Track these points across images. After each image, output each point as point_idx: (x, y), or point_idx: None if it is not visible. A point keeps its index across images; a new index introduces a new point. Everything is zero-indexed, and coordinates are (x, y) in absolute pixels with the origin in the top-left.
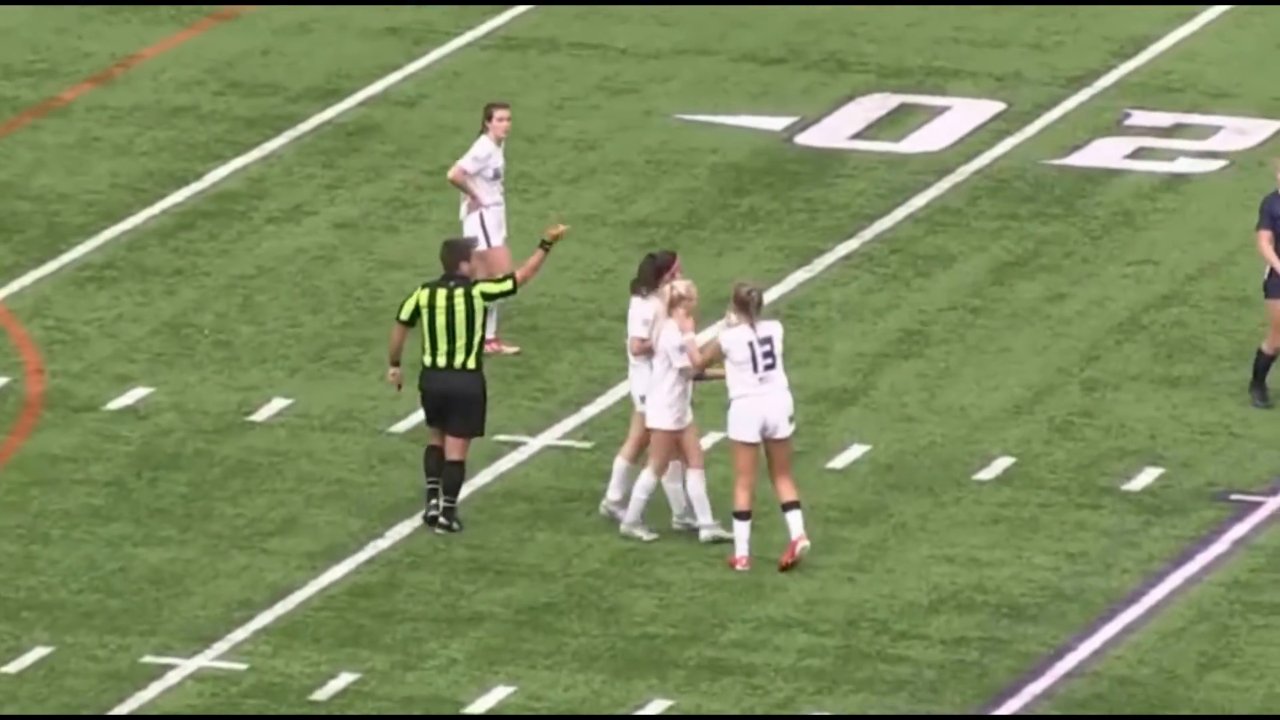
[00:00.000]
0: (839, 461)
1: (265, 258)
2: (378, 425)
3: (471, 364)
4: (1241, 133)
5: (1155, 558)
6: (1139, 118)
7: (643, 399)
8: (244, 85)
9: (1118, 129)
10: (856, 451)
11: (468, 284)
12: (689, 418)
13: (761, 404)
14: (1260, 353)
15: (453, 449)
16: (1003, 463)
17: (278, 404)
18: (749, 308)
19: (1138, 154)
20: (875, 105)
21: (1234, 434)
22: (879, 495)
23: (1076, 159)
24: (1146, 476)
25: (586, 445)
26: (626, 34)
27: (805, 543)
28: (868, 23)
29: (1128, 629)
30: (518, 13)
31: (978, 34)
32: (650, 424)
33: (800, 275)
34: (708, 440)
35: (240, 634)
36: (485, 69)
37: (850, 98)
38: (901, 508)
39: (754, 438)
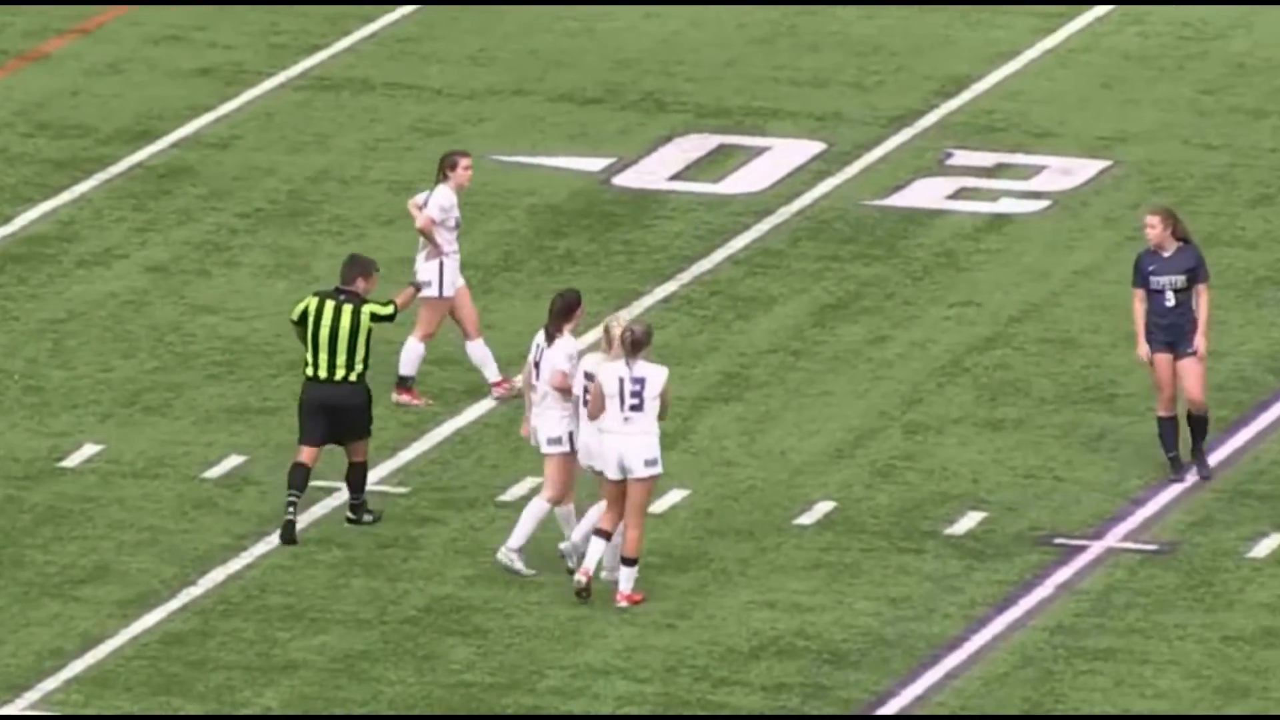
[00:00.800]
0: (658, 506)
1: (76, 302)
2: (190, 471)
3: (353, 378)
4: (1065, 173)
5: (978, 602)
6: (961, 157)
7: (551, 440)
8: (53, 127)
9: (939, 169)
10: (676, 496)
11: (358, 301)
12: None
13: (620, 443)
14: (1159, 419)
15: (353, 454)
16: (824, 507)
17: (89, 450)
18: (624, 345)
19: (960, 194)
20: (694, 146)
21: (1058, 478)
22: (699, 540)
23: (898, 199)
24: (969, 520)
25: (402, 490)
26: (441, 74)
27: (624, 603)
28: (685, 62)
29: (950, 675)
30: (331, 53)
31: (797, 73)
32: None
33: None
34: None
35: (51, 683)
36: (298, 110)
37: (668, 138)
38: (722, 553)
39: (613, 474)
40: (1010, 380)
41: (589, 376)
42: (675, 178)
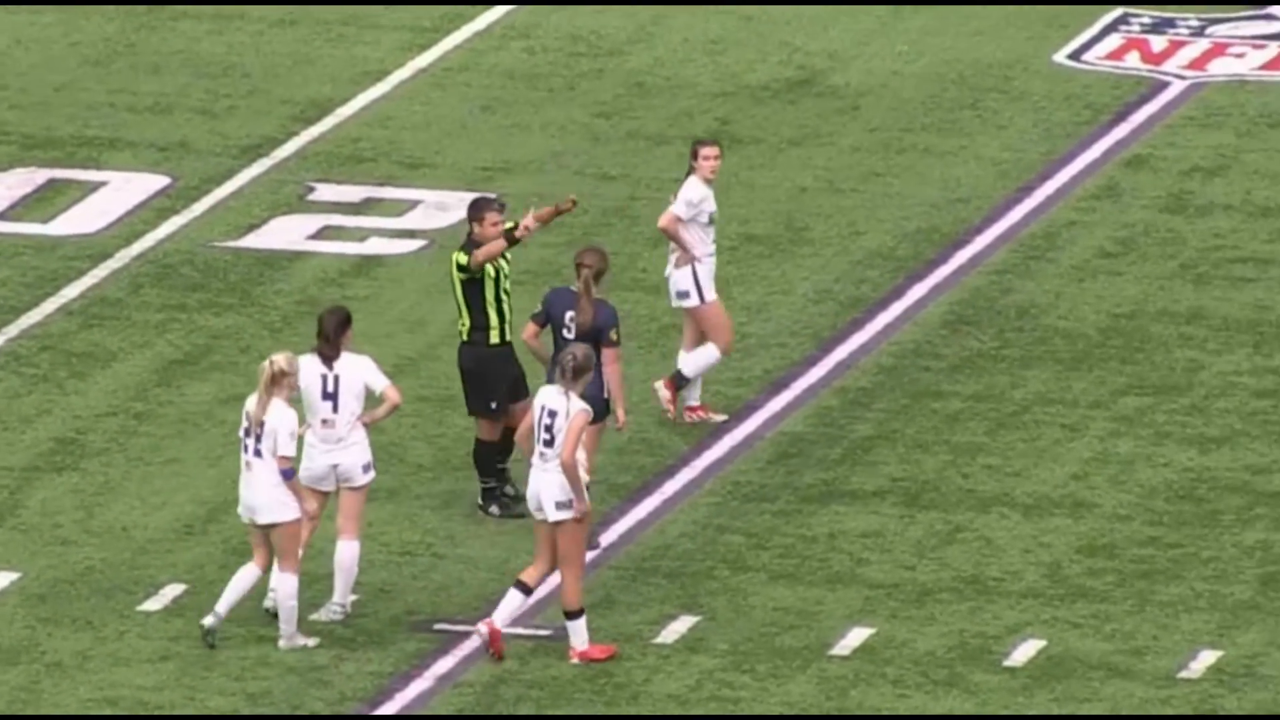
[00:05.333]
0: None
1: None
2: None
3: (464, 336)
4: (442, 208)
5: (349, 697)
6: (324, 192)
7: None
8: None
9: (300, 205)
10: (3, 580)
11: (457, 249)
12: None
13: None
14: None
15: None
16: (173, 590)
17: None
18: (564, 372)
19: (323, 233)
20: (19, 181)
21: (437, 554)
22: (30, 630)
23: (253, 240)
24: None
25: None
26: None
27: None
28: (9, 86)
29: None
30: None
31: (137, 98)
32: (275, 519)
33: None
34: None
35: None
36: None
37: None
38: (56, 644)
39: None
40: (383, 445)
41: None
42: None
